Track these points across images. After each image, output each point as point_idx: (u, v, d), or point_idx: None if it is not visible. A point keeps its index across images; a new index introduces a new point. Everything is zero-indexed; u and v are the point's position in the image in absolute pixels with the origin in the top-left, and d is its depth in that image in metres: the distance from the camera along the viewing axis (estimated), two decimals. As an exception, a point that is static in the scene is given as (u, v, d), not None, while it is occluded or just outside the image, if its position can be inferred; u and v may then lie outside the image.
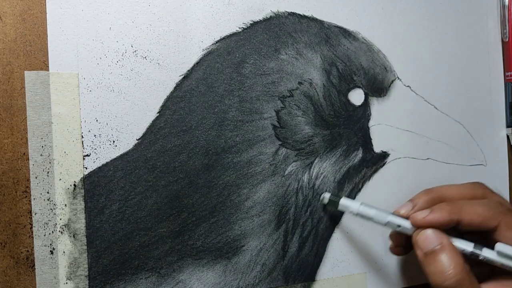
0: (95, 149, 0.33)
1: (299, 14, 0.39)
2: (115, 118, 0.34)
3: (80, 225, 0.33)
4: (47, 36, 0.33)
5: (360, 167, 0.41)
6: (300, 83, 0.39)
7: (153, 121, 0.35)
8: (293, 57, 0.38)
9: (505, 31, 0.47)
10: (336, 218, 0.40)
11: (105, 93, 0.34)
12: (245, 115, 0.37)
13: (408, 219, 0.35)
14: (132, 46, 0.34)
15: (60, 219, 0.32)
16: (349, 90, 0.40)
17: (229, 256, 0.36)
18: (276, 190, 0.38)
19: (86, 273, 0.33)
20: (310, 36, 0.39)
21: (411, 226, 0.35)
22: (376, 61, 0.41)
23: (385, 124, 0.42)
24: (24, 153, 0.32)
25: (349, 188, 0.40)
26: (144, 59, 0.35)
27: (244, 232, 0.37)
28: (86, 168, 0.33)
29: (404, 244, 0.38)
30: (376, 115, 0.41)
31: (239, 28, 0.37)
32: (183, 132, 0.35)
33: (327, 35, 0.40)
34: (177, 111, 0.35)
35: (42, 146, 0.32)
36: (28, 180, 0.32)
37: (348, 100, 0.40)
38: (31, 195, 0.32)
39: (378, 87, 0.41)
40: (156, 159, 0.35)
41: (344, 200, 0.38)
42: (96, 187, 0.33)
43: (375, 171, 0.41)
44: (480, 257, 0.34)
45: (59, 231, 0.32)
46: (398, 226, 0.36)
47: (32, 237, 0.32)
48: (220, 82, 0.36)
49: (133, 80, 0.34)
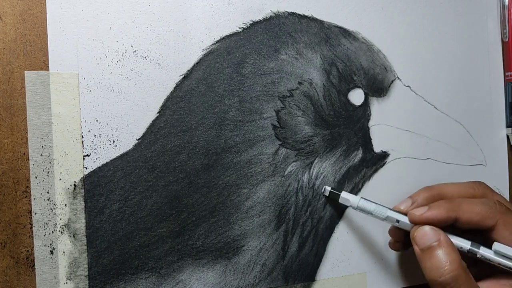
0: (95, 149, 0.33)
1: (299, 14, 0.39)
2: (115, 118, 0.34)
3: (80, 225, 0.33)
4: (47, 36, 0.33)
5: (360, 167, 0.41)
6: (300, 83, 0.39)
7: (153, 121, 0.35)
8: (293, 57, 0.38)
9: (505, 31, 0.47)
10: (337, 215, 0.40)
11: (105, 93, 0.34)
12: (245, 115, 0.37)
13: (407, 215, 0.36)
14: (132, 46, 0.34)
15: (60, 219, 0.32)
16: (349, 90, 0.40)
17: (229, 256, 0.36)
18: (276, 190, 0.38)
19: (86, 273, 0.33)
20: (310, 36, 0.39)
21: (410, 222, 0.35)
22: (376, 61, 0.41)
23: (385, 124, 0.42)
24: (24, 153, 0.32)
25: (349, 188, 0.40)
26: (144, 59, 0.35)
27: (244, 232, 0.37)
28: (86, 168, 0.33)
29: (403, 240, 0.38)
30: (376, 115, 0.41)
31: (239, 28, 0.37)
32: (183, 132, 0.35)
33: (327, 35, 0.40)
34: (177, 111, 0.35)
35: (42, 146, 0.32)
36: (28, 180, 0.32)
37: (348, 100, 0.40)
38: (31, 195, 0.32)
39: (378, 87, 0.41)
40: (156, 159, 0.35)
41: (345, 194, 0.38)
42: (96, 187, 0.33)
43: (375, 171, 0.41)
44: (478, 255, 0.34)
45: (59, 231, 0.32)
46: (397, 221, 0.36)
47: (32, 237, 0.32)
48: (220, 82, 0.36)
49: (133, 80, 0.34)
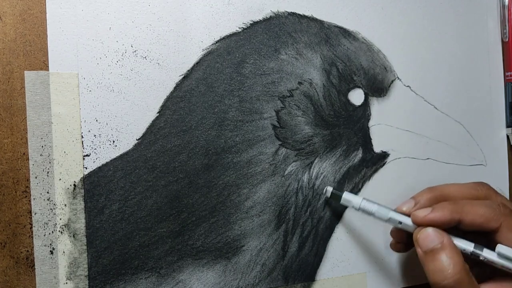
0: (95, 149, 0.33)
1: (299, 14, 0.39)
2: (115, 118, 0.34)
3: (80, 225, 0.33)
4: (47, 36, 0.32)
5: (360, 167, 0.41)
6: (300, 83, 0.39)
7: (153, 121, 0.35)
8: (293, 57, 0.38)
9: (505, 31, 0.47)
10: (337, 215, 0.40)
11: (105, 93, 0.34)
12: (245, 115, 0.37)
13: (410, 217, 0.35)
14: (132, 46, 0.34)
15: (60, 219, 0.32)
16: (349, 90, 0.40)
17: (229, 256, 0.36)
18: (276, 190, 0.38)
19: (86, 273, 0.33)
20: (310, 36, 0.39)
21: (412, 224, 0.35)
22: (376, 61, 0.41)
23: (385, 124, 0.42)
24: (24, 153, 0.32)
25: (349, 188, 0.40)
26: (144, 59, 0.35)
27: (244, 232, 0.37)
28: (86, 168, 0.33)
29: (405, 241, 0.38)
30: (376, 115, 0.41)
31: (239, 28, 0.37)
32: (183, 132, 0.35)
33: (327, 35, 0.40)
34: (177, 111, 0.35)
35: (42, 146, 0.32)
36: (28, 180, 0.32)
37: (348, 100, 0.40)
38: (31, 195, 0.32)
39: (378, 87, 0.41)
40: (156, 159, 0.35)
41: (347, 195, 0.38)
42: (96, 187, 0.33)
43: (375, 171, 0.41)
44: (481, 258, 0.34)
45: (59, 231, 0.32)
46: (400, 223, 0.36)
47: (32, 237, 0.32)
48: (220, 82, 0.36)
49: (133, 80, 0.34)
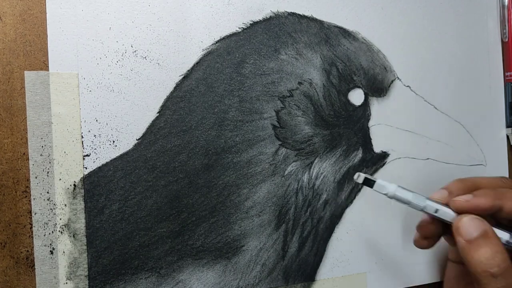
0: (95, 149, 0.33)
1: (299, 14, 0.39)
2: (115, 118, 0.34)
3: (80, 225, 0.33)
4: (47, 36, 0.33)
5: (360, 167, 0.41)
6: (300, 83, 0.39)
7: (153, 121, 0.35)
8: (293, 57, 0.38)
9: (505, 31, 0.47)
10: (337, 215, 0.40)
11: (105, 93, 0.34)
12: (245, 115, 0.37)
13: (446, 205, 0.34)
14: (132, 46, 0.34)
15: (60, 219, 0.32)
16: (349, 90, 0.40)
17: (229, 256, 0.36)
18: (276, 190, 0.38)
19: (86, 273, 0.33)
20: (310, 36, 0.39)
21: (450, 212, 0.34)
22: (376, 61, 0.41)
23: (385, 124, 0.42)
24: (24, 153, 0.32)
25: (349, 188, 0.40)
26: (144, 59, 0.35)
27: (244, 232, 0.37)
28: (86, 168, 0.33)
29: (433, 235, 0.36)
30: (376, 115, 0.41)
31: (239, 28, 0.37)
32: (183, 132, 0.35)
33: (327, 35, 0.40)
34: (177, 111, 0.35)
35: (42, 146, 0.32)
36: (28, 180, 0.32)
37: (348, 100, 0.40)
38: (31, 195, 0.32)
39: (378, 87, 0.41)
40: (156, 159, 0.35)
41: (381, 181, 0.35)
42: (96, 187, 0.33)
43: (375, 171, 0.41)
44: None
45: (59, 231, 0.32)
46: (436, 211, 0.34)
47: (32, 237, 0.32)
48: (220, 82, 0.36)
49: (133, 80, 0.34)
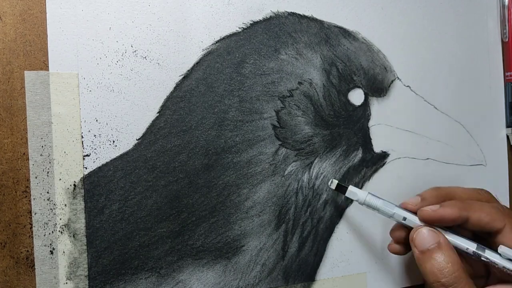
0: (95, 149, 0.33)
1: (299, 14, 0.39)
2: (115, 118, 0.34)
3: (80, 225, 0.33)
4: (47, 36, 0.32)
5: (360, 167, 0.41)
6: (300, 83, 0.39)
7: (153, 121, 0.35)
8: (293, 57, 0.38)
9: (505, 31, 0.47)
10: (337, 215, 0.40)
11: (105, 93, 0.34)
12: (245, 115, 0.37)
13: (415, 214, 0.35)
14: (132, 46, 0.34)
15: (60, 219, 0.32)
16: (349, 90, 0.40)
17: (229, 256, 0.36)
18: (276, 190, 0.38)
19: (86, 273, 0.33)
20: (310, 36, 0.39)
21: (417, 220, 0.35)
22: (376, 61, 0.41)
23: (385, 124, 0.42)
24: (24, 153, 0.32)
25: (349, 188, 0.40)
26: (144, 59, 0.35)
27: (244, 232, 0.37)
28: (86, 168, 0.33)
29: (405, 242, 0.38)
30: (376, 115, 0.41)
31: (239, 28, 0.37)
32: (183, 132, 0.35)
33: (327, 35, 0.40)
34: (177, 111, 0.35)
35: (42, 146, 0.32)
36: (28, 180, 0.32)
37: (348, 100, 0.40)
38: (31, 195, 0.32)
39: (378, 87, 0.41)
40: (156, 159, 0.35)
41: (353, 188, 0.37)
42: (96, 187, 0.33)
43: (375, 171, 0.41)
44: (482, 258, 0.34)
45: (59, 231, 0.32)
46: (404, 219, 0.35)
47: (32, 237, 0.32)
48: (220, 82, 0.36)
49: (133, 80, 0.34)
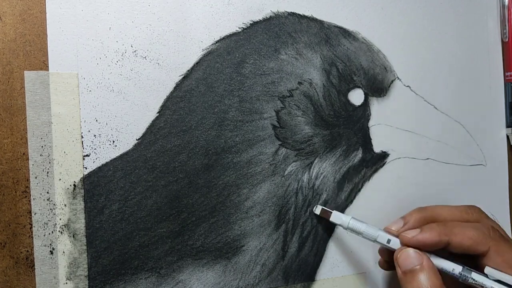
0: (95, 149, 0.33)
1: (299, 14, 0.39)
2: (115, 118, 0.34)
3: (80, 225, 0.33)
4: (47, 36, 0.32)
5: (360, 167, 0.41)
6: (300, 83, 0.39)
7: (153, 121, 0.35)
8: (293, 57, 0.38)
9: (505, 31, 0.47)
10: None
11: (105, 93, 0.34)
12: (245, 115, 0.37)
13: (398, 237, 0.35)
14: (132, 46, 0.34)
15: (60, 219, 0.32)
16: (349, 90, 0.40)
17: (229, 256, 0.36)
18: (276, 190, 0.38)
19: (86, 273, 0.33)
20: (310, 36, 0.39)
21: (400, 244, 0.35)
22: (376, 61, 0.41)
23: (385, 124, 0.42)
24: (24, 153, 0.32)
25: (349, 188, 0.40)
26: (144, 59, 0.35)
27: (244, 232, 0.37)
28: (86, 168, 0.33)
29: (390, 260, 0.37)
30: (376, 115, 0.41)
31: (239, 28, 0.37)
32: (183, 132, 0.35)
33: (327, 35, 0.40)
34: (177, 111, 0.35)
35: (42, 146, 0.32)
36: (28, 180, 0.32)
37: (348, 100, 0.40)
38: (31, 195, 0.32)
39: (378, 87, 0.41)
40: (156, 159, 0.35)
41: (336, 214, 0.37)
42: (96, 187, 0.33)
43: (375, 171, 0.41)
44: (469, 280, 0.33)
45: (59, 231, 0.32)
46: (388, 241, 0.35)
47: (32, 237, 0.32)
48: (220, 82, 0.36)
49: (133, 80, 0.34)
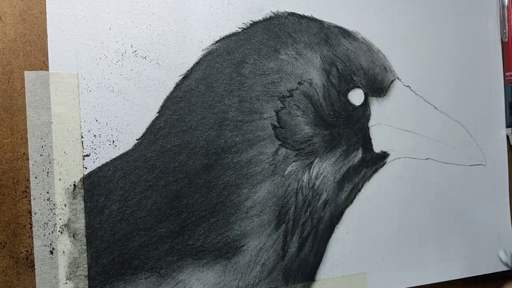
0: (95, 149, 0.33)
1: (299, 14, 0.39)
2: (115, 118, 0.34)
3: (80, 225, 0.33)
4: (47, 36, 0.33)
5: (360, 167, 0.41)
6: (300, 83, 0.39)
7: (153, 121, 0.35)
8: (293, 57, 0.38)
9: (505, 31, 0.47)
10: (337, 215, 0.40)
11: (105, 93, 0.34)
12: (245, 115, 0.37)
13: None
14: (132, 46, 0.34)
15: (60, 219, 0.32)
16: (349, 90, 0.40)
17: (229, 256, 0.36)
18: (276, 190, 0.38)
19: (86, 273, 0.33)
20: (310, 36, 0.39)
21: None
22: (376, 61, 0.41)
23: (385, 124, 0.42)
24: (24, 153, 0.32)
25: (349, 188, 0.40)
26: (144, 59, 0.35)
27: (244, 232, 0.37)
28: (86, 168, 0.33)
29: None
30: (376, 115, 0.41)
31: (239, 28, 0.37)
32: (183, 132, 0.35)
33: (327, 35, 0.40)
34: (177, 111, 0.35)
35: (42, 146, 0.32)
36: (28, 180, 0.32)
37: (348, 100, 0.40)
38: (31, 195, 0.32)
39: (378, 87, 0.41)
40: (156, 159, 0.35)
41: None
42: (96, 187, 0.33)
43: (375, 171, 0.41)
44: None
45: (59, 231, 0.32)
46: None
47: (32, 237, 0.32)
48: (220, 82, 0.36)
49: (133, 80, 0.34)
